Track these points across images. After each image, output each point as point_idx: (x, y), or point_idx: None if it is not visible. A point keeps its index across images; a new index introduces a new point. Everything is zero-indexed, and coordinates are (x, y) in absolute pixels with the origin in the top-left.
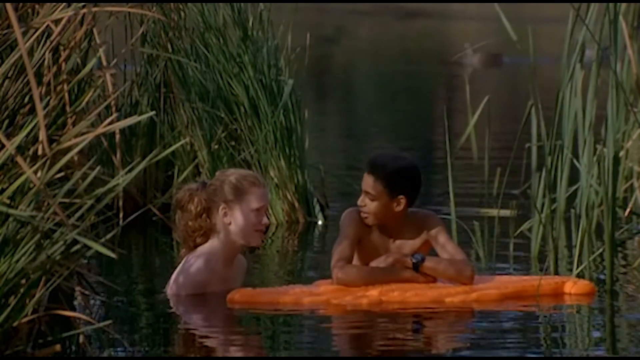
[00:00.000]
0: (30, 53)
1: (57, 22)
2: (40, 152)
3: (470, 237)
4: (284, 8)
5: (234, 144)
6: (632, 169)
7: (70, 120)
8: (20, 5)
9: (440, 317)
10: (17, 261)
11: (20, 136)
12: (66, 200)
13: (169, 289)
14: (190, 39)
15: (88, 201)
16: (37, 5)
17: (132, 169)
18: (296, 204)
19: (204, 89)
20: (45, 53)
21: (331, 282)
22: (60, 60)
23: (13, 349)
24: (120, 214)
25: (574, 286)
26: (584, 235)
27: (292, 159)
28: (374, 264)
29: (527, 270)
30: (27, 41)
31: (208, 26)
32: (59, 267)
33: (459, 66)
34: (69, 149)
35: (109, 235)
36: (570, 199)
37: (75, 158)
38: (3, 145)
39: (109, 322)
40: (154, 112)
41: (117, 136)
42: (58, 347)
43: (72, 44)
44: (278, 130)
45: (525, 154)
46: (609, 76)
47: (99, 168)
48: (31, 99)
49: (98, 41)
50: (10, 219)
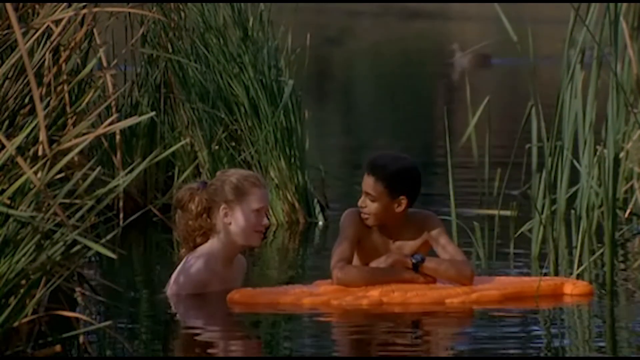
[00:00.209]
0: (31, 53)
1: (58, 23)
2: (40, 153)
3: (470, 238)
4: (285, 8)
5: (234, 144)
6: (632, 170)
7: (70, 121)
8: (21, 5)
9: (440, 318)
10: (18, 262)
11: (21, 137)
12: (66, 200)
13: (169, 289)
14: (191, 39)
15: (88, 202)
16: (38, 6)
17: (133, 170)
18: (296, 205)
19: (204, 90)
20: (45, 54)
21: (331, 283)
22: (61, 60)
23: (13, 349)
24: (121, 215)
25: (573, 287)
26: (584, 236)
27: (293, 160)
28: (374, 265)
29: (527, 271)
30: (28, 42)
31: (208, 26)
32: (59, 268)
33: (449, 67)
34: (69, 149)
35: (109, 236)
36: (571, 200)
37: (76, 159)
38: (3, 146)
39: (109, 323)
40: (154, 113)
41: (118, 137)
42: (58, 348)
43: (73, 44)
44: (278, 130)
45: (525, 154)
46: (609, 77)
47: (99, 169)
48: (31, 100)
49: (98, 42)
50: (11, 220)
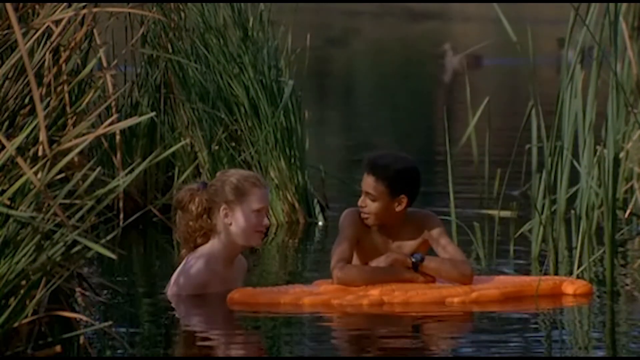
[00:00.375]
0: (31, 54)
1: (58, 23)
2: (40, 153)
3: (470, 238)
4: (285, 8)
5: (234, 144)
6: (632, 170)
7: (70, 121)
8: (21, 5)
9: (440, 318)
10: (18, 262)
11: (21, 137)
12: (66, 201)
13: (170, 290)
14: (191, 39)
15: (88, 202)
16: (38, 6)
17: (133, 170)
18: (296, 205)
19: (204, 90)
20: (45, 54)
21: (331, 282)
22: (61, 61)
23: (13, 350)
24: (121, 215)
25: (572, 286)
26: (584, 237)
27: (293, 160)
28: (374, 264)
29: (527, 272)
30: (28, 42)
31: (208, 27)
32: (60, 268)
33: (440, 68)
34: (70, 150)
35: (109, 237)
36: (571, 200)
37: (76, 159)
38: (3, 146)
39: (109, 323)
40: (154, 113)
41: (118, 137)
42: (58, 348)
43: (73, 44)
44: (278, 131)
45: (525, 154)
46: (609, 77)
47: (99, 169)
48: (31, 100)
49: (98, 42)
50: (11, 220)
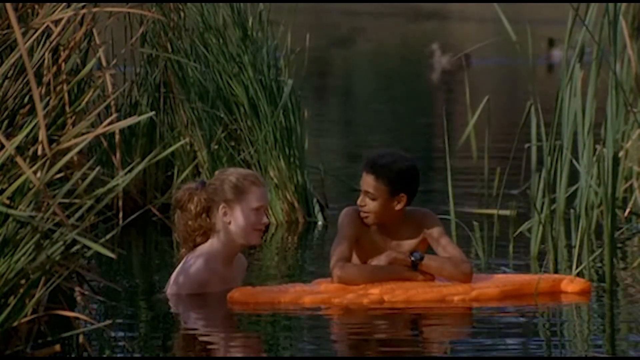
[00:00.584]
0: (30, 53)
1: (57, 23)
2: (40, 153)
3: (469, 237)
4: (284, 8)
5: (233, 144)
6: (632, 169)
7: (70, 121)
8: (20, 5)
9: (440, 316)
10: (17, 261)
11: (20, 136)
12: (66, 200)
13: (169, 289)
14: (190, 39)
15: (88, 201)
16: (37, 6)
17: (132, 169)
18: (296, 204)
19: (204, 89)
20: (45, 53)
21: (331, 281)
22: (60, 60)
23: (13, 349)
24: (120, 214)
25: (571, 284)
26: (583, 236)
27: (292, 159)
28: (374, 263)
29: (527, 270)
30: (27, 41)
31: (208, 26)
32: (59, 267)
33: (429, 68)
34: (69, 149)
35: (108, 236)
36: (570, 199)
37: (75, 158)
38: (3, 146)
39: (108, 322)
40: (153, 113)
41: (117, 136)
42: (58, 347)
43: (72, 44)
44: (278, 130)
45: (525, 154)
46: (609, 76)
47: (98, 168)
48: (31, 99)
49: (98, 41)
50: (10, 219)
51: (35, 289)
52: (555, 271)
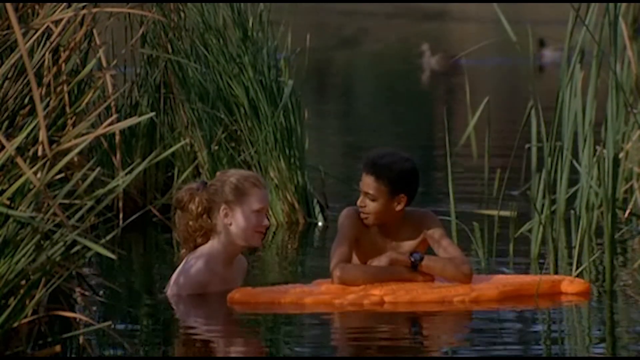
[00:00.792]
0: (30, 54)
1: (57, 23)
2: (40, 153)
3: (470, 238)
4: (285, 8)
5: (234, 144)
6: (632, 170)
7: (70, 121)
8: (21, 5)
9: (440, 317)
10: (17, 262)
11: (20, 137)
12: (66, 201)
13: (169, 290)
14: (190, 39)
15: (88, 202)
16: (37, 6)
17: (132, 170)
18: (296, 205)
19: (204, 90)
20: (45, 54)
21: (331, 282)
22: (60, 61)
23: (13, 350)
24: (120, 215)
25: (571, 285)
26: (583, 236)
27: (292, 160)
28: (374, 263)
29: (527, 271)
30: (27, 42)
31: (208, 27)
32: (59, 268)
33: (419, 68)
34: (69, 150)
35: (109, 236)
36: (570, 200)
37: (75, 159)
38: (3, 146)
39: (109, 323)
40: (154, 113)
41: (117, 137)
42: (58, 348)
43: (72, 44)
44: (278, 131)
45: (525, 154)
46: (609, 77)
47: (99, 169)
48: (31, 100)
49: (98, 42)
50: (10, 220)
51: (35, 289)
52: (556, 272)
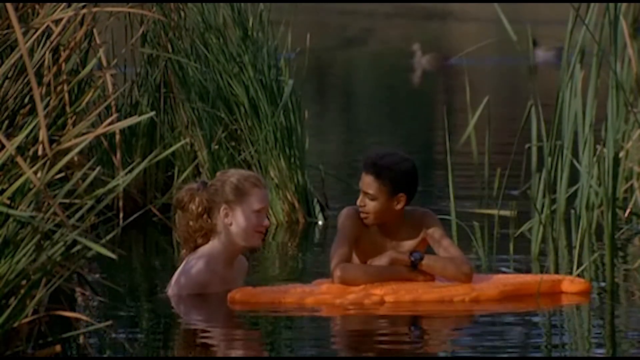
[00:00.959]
0: (30, 53)
1: (57, 23)
2: (40, 153)
3: (470, 237)
4: (285, 8)
5: (234, 144)
6: (632, 169)
7: (70, 121)
8: (21, 5)
9: (440, 317)
10: (18, 262)
11: (21, 137)
12: (66, 200)
13: (170, 290)
14: (190, 39)
15: (88, 202)
16: (37, 6)
17: (132, 170)
18: (296, 204)
19: (204, 89)
20: (45, 53)
21: (331, 282)
22: (60, 60)
23: (13, 349)
24: (121, 215)
25: (571, 284)
26: (583, 236)
27: (292, 159)
28: (374, 263)
29: (527, 271)
30: (27, 41)
31: (208, 26)
32: (60, 268)
33: (409, 67)
34: (69, 149)
35: (109, 236)
36: (570, 200)
37: (76, 158)
38: (3, 146)
39: (109, 323)
40: (154, 113)
41: (117, 136)
42: (58, 348)
43: (72, 44)
44: (278, 130)
45: (525, 154)
46: (609, 76)
47: (99, 168)
48: (31, 100)
49: (98, 41)
50: (11, 220)
51: (36, 289)
52: (556, 272)
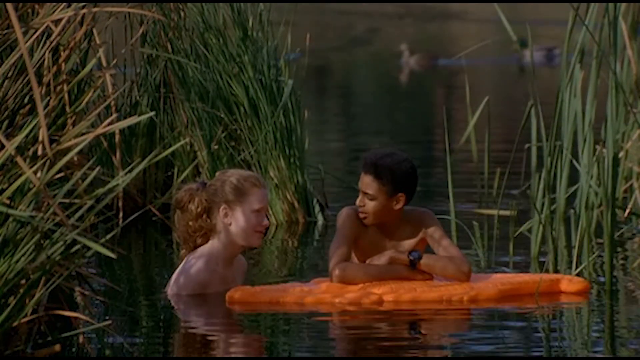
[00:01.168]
0: (30, 53)
1: (57, 23)
2: (40, 153)
3: (470, 237)
4: (285, 8)
5: (233, 144)
6: (632, 169)
7: (70, 121)
8: (21, 5)
9: (439, 316)
10: (17, 261)
11: (20, 137)
12: (66, 200)
13: (169, 289)
14: (190, 39)
15: (88, 201)
16: (37, 6)
17: (132, 170)
18: (296, 204)
19: (204, 89)
20: (45, 53)
21: (330, 281)
22: (60, 60)
23: (13, 349)
24: (120, 214)
25: (570, 284)
26: (583, 236)
27: (292, 159)
28: (373, 262)
29: (527, 271)
30: (27, 41)
31: (208, 26)
32: (59, 268)
33: (397, 67)
34: (69, 149)
35: (108, 236)
36: (570, 200)
37: (75, 158)
38: (3, 146)
39: (108, 322)
40: (153, 113)
41: (117, 136)
42: (58, 347)
43: (72, 44)
44: (278, 130)
45: (525, 154)
46: (609, 77)
47: (98, 168)
48: (31, 99)
49: (98, 41)
50: (10, 219)
51: (35, 289)
52: (555, 271)
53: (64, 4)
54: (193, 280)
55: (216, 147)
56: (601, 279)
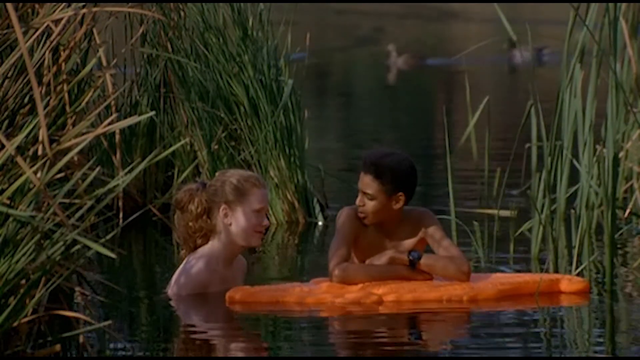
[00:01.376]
0: (30, 53)
1: (57, 22)
2: (40, 153)
3: (470, 237)
4: (285, 8)
5: (233, 144)
6: (632, 169)
7: (70, 121)
8: (21, 5)
9: (439, 316)
10: (17, 261)
11: (20, 137)
12: (66, 200)
13: (170, 290)
14: (190, 38)
15: (88, 201)
16: (37, 5)
17: (132, 170)
18: (296, 204)
19: (204, 89)
20: (45, 53)
21: (330, 281)
22: (60, 60)
23: (13, 349)
24: (120, 214)
25: (570, 284)
26: (583, 236)
27: (292, 159)
28: (373, 262)
29: (527, 270)
30: (27, 41)
31: (208, 26)
32: (59, 268)
33: (385, 67)
34: (69, 149)
35: (109, 236)
36: (570, 200)
37: (75, 158)
38: (3, 146)
39: (109, 322)
40: (153, 112)
41: (117, 136)
42: (58, 348)
43: (72, 44)
44: (278, 130)
45: (525, 154)
46: (609, 76)
47: (98, 168)
48: (31, 99)
49: (98, 41)
50: (10, 220)
51: (35, 289)
52: (556, 271)
53: (64, 4)
54: (193, 280)
55: (216, 147)
56: (601, 279)
